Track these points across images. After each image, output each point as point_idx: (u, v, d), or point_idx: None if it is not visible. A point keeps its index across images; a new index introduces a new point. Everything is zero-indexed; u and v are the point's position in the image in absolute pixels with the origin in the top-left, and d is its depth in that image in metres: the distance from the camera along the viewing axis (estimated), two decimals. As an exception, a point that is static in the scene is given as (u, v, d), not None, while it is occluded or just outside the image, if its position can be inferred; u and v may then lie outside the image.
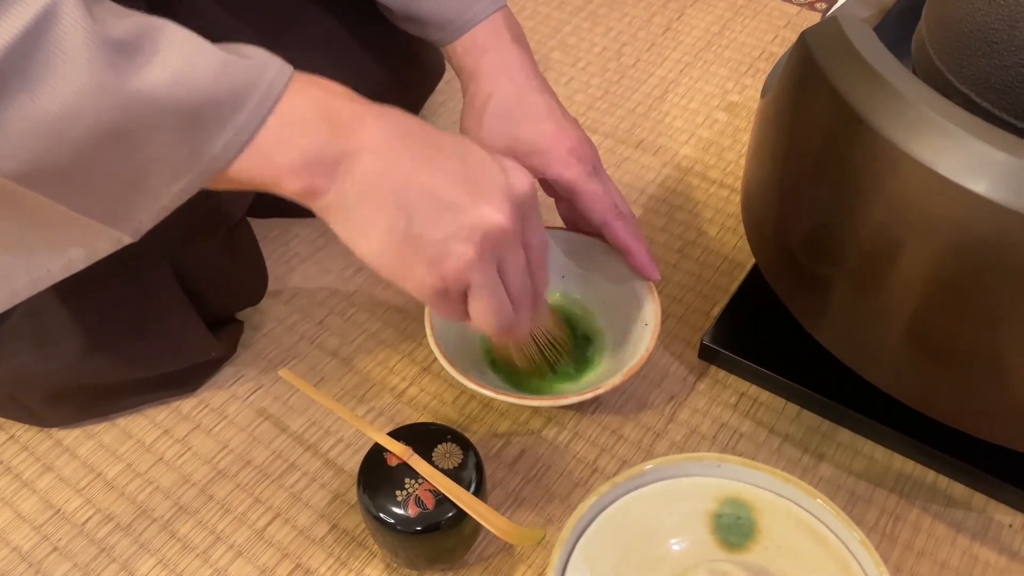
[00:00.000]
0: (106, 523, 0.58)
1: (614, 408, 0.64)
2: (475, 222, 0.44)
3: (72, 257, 0.44)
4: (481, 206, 0.44)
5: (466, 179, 0.45)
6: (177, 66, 0.40)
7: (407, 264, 0.46)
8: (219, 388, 0.66)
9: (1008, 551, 0.56)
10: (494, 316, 0.48)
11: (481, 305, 0.48)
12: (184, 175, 0.42)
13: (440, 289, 0.46)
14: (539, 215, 0.49)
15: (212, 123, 0.41)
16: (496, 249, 0.46)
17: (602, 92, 0.91)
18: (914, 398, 0.54)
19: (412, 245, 0.45)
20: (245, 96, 0.41)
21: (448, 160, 0.45)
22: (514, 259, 0.48)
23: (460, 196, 0.44)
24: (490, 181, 0.45)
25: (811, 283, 0.56)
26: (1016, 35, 0.46)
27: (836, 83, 0.49)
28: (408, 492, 0.51)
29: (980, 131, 0.44)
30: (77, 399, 0.61)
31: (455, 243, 0.45)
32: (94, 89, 0.37)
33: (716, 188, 0.80)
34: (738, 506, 0.51)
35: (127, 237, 0.44)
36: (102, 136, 0.38)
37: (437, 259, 0.45)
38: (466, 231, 0.44)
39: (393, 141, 0.44)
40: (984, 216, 0.43)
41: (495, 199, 0.45)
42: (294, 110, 0.43)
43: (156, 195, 0.42)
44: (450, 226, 0.44)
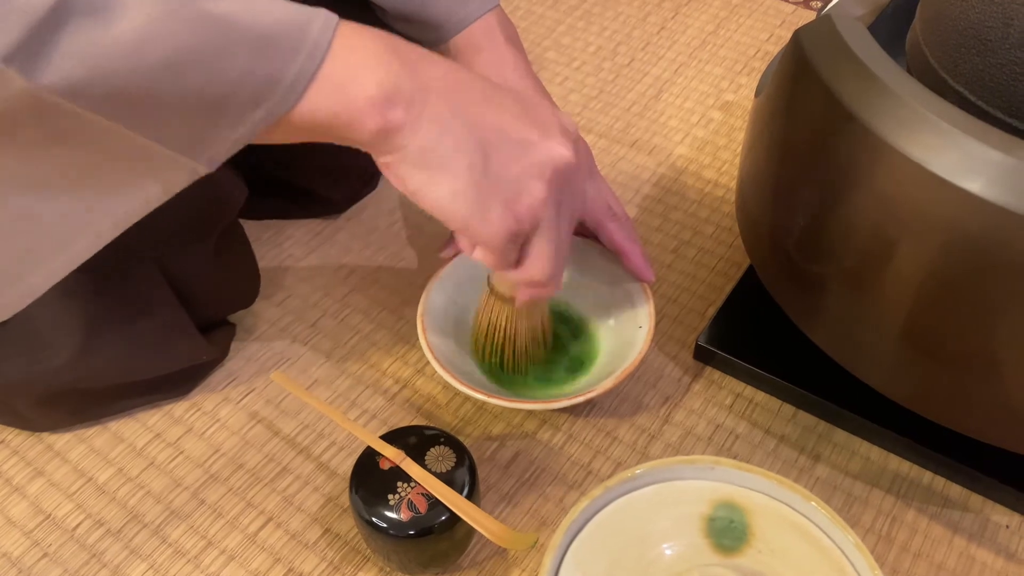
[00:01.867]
0: (97, 528, 0.58)
1: (609, 410, 0.64)
2: (545, 158, 0.46)
3: (149, 193, 0.43)
4: (549, 141, 0.46)
5: (529, 117, 0.46)
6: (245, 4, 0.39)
7: (485, 204, 0.45)
8: (211, 391, 0.65)
9: (1005, 552, 0.56)
10: (552, 258, 0.49)
11: (542, 248, 0.48)
12: (262, 103, 0.41)
13: (514, 231, 0.46)
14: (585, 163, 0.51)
15: (284, 48, 0.40)
16: (563, 186, 0.47)
17: (597, 91, 0.90)
18: (909, 398, 0.54)
19: (489, 184, 0.45)
20: (307, 24, 0.41)
21: (510, 100, 0.46)
22: (572, 200, 0.49)
23: (529, 133, 0.45)
24: (551, 120, 0.47)
25: (806, 283, 0.56)
26: (1010, 33, 0.45)
27: (830, 82, 0.49)
28: (401, 496, 0.50)
29: (974, 129, 0.44)
30: (68, 403, 0.61)
31: (529, 180, 0.46)
32: (166, 13, 0.37)
33: (711, 188, 0.80)
34: (731, 509, 0.50)
35: (203, 167, 0.43)
36: (178, 60, 0.38)
37: (513, 197, 0.46)
38: (538, 167, 0.46)
39: (457, 82, 0.45)
40: (978, 215, 0.43)
41: (557, 136, 0.46)
42: (359, 40, 0.42)
43: (234, 124, 0.41)
44: (523, 162, 0.45)
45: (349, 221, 0.77)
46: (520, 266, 0.49)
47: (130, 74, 0.37)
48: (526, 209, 0.46)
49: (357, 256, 0.74)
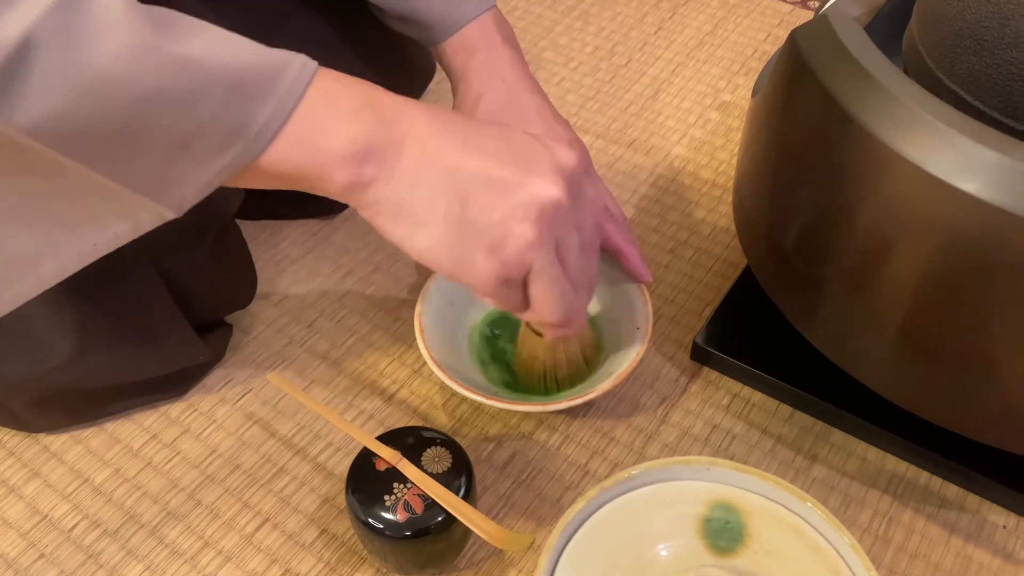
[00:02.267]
0: (93, 529, 0.58)
1: (606, 410, 0.64)
2: (530, 198, 0.43)
3: (117, 231, 0.43)
4: (533, 181, 0.43)
5: (513, 157, 0.44)
6: (217, 39, 0.39)
7: (467, 253, 0.44)
8: (208, 392, 0.65)
9: (1002, 552, 0.56)
10: (557, 301, 0.47)
11: (543, 291, 0.46)
12: (229, 149, 0.41)
13: (503, 277, 0.45)
14: (588, 198, 0.48)
15: (255, 95, 0.40)
16: (554, 226, 0.45)
17: (594, 92, 0.90)
18: (906, 399, 0.54)
19: (470, 231, 0.44)
20: (282, 71, 0.41)
21: (492, 141, 0.45)
22: (571, 238, 0.46)
23: (511, 174, 0.43)
24: (537, 157, 0.45)
25: (803, 283, 0.56)
26: (1006, 33, 0.45)
27: (826, 82, 0.49)
28: (397, 497, 0.50)
29: (971, 130, 0.44)
30: (64, 404, 0.61)
31: (513, 224, 0.43)
32: (137, 53, 0.37)
33: (708, 188, 0.80)
34: (727, 510, 0.50)
35: (171, 213, 0.43)
36: (145, 100, 0.38)
37: (497, 244, 0.44)
38: (522, 209, 0.43)
39: (436, 129, 0.44)
40: (975, 215, 0.43)
41: (546, 173, 0.44)
42: (334, 92, 0.42)
43: (200, 169, 0.41)
44: (505, 206, 0.43)
45: (346, 221, 0.77)
46: (530, 308, 0.48)
47: (92, 115, 0.37)
48: (512, 254, 0.44)
49: (354, 257, 0.74)
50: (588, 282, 0.50)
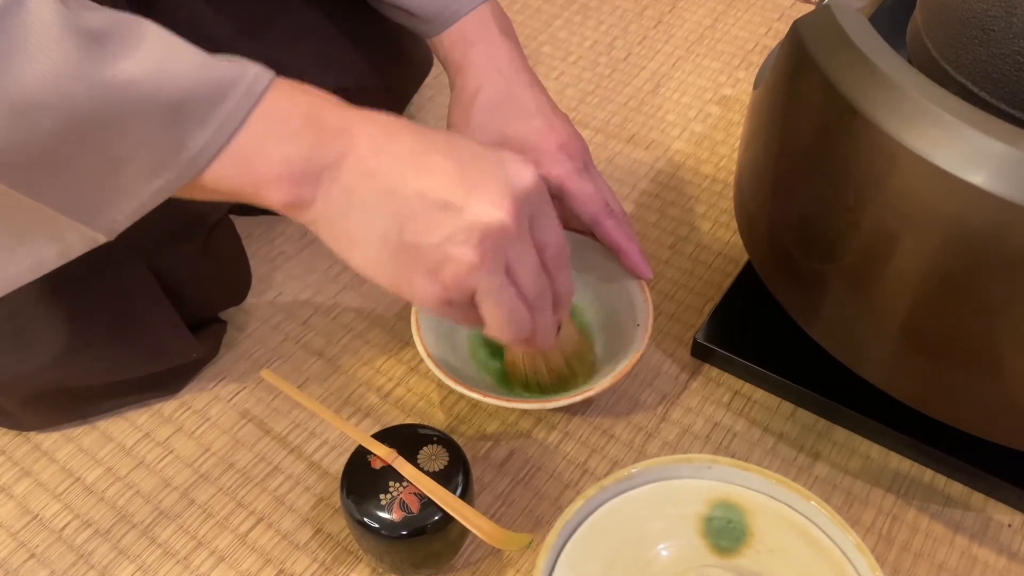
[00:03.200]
0: (84, 529, 0.57)
1: (605, 408, 0.63)
2: (472, 222, 0.41)
3: (42, 257, 0.42)
4: (477, 203, 0.41)
5: (459, 176, 0.42)
6: (157, 57, 0.38)
7: (405, 274, 0.43)
8: (201, 390, 0.64)
9: (1007, 551, 0.55)
10: (507, 324, 0.45)
11: (491, 312, 0.45)
12: (162, 173, 0.40)
13: (444, 299, 0.44)
14: (552, 214, 0.46)
15: (192, 118, 0.39)
16: (500, 250, 0.42)
17: (593, 86, 0.89)
18: (911, 395, 0.53)
19: (408, 254, 0.42)
20: (227, 92, 0.39)
21: (439, 158, 0.42)
22: (524, 259, 0.44)
23: (454, 195, 0.41)
24: (486, 176, 0.42)
25: (805, 279, 0.55)
26: (1013, 22, 0.44)
27: (829, 73, 0.48)
28: (392, 496, 0.50)
29: (977, 121, 0.43)
30: (55, 402, 0.60)
31: (453, 247, 0.42)
32: (66, 76, 0.36)
33: (709, 183, 0.79)
34: (729, 509, 0.49)
35: (101, 236, 0.42)
36: (74, 125, 0.37)
37: (436, 266, 0.42)
38: (463, 233, 0.41)
39: (380, 145, 0.42)
40: (982, 208, 0.42)
41: (492, 195, 0.42)
42: (278, 113, 0.41)
43: (132, 193, 0.41)
44: (446, 229, 0.41)
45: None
46: (485, 325, 0.46)
47: (18, 138, 0.36)
48: (452, 278, 0.42)
49: (350, 252, 0.73)
50: (554, 299, 0.48)
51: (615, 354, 0.59)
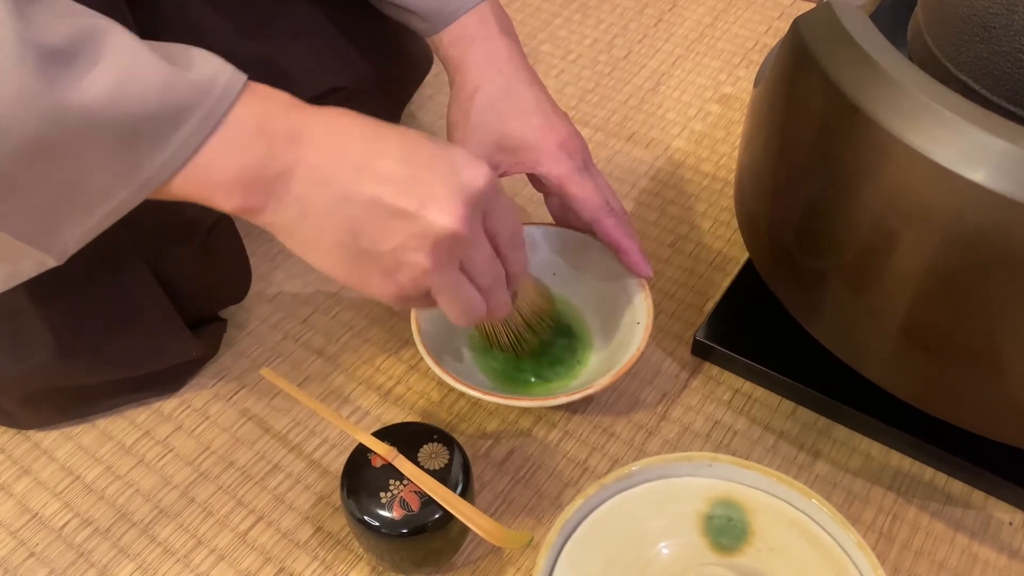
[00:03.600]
0: (84, 527, 0.57)
1: (605, 406, 0.63)
2: (424, 229, 0.42)
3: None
4: (428, 211, 0.42)
5: (411, 183, 0.42)
6: (116, 80, 0.38)
7: (362, 276, 0.44)
8: (201, 388, 0.64)
9: (1008, 549, 0.55)
10: (462, 313, 0.48)
11: (447, 304, 0.47)
12: (117, 194, 0.40)
13: (400, 296, 0.45)
14: (505, 202, 0.47)
15: (150, 142, 0.39)
16: (453, 253, 0.44)
17: (593, 84, 0.89)
18: (911, 394, 0.53)
19: (363, 258, 0.43)
20: (187, 115, 0.39)
21: (391, 163, 0.42)
22: (477, 256, 0.46)
23: (406, 203, 0.42)
24: (438, 182, 0.42)
25: (806, 277, 0.55)
26: (1014, 20, 0.44)
27: (830, 71, 0.48)
28: (393, 494, 0.49)
29: (978, 119, 0.43)
30: (55, 400, 0.60)
31: (406, 253, 0.43)
32: (22, 100, 0.35)
33: (709, 181, 0.79)
34: (730, 507, 0.49)
35: (51, 260, 0.42)
36: (28, 151, 0.36)
37: (391, 270, 0.43)
38: (416, 240, 0.42)
39: (333, 151, 0.42)
40: (983, 206, 0.42)
41: (443, 202, 0.42)
42: (235, 126, 0.41)
43: (85, 214, 0.40)
44: (399, 236, 0.42)
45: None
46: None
47: None
48: (407, 280, 0.44)
49: (350, 251, 0.73)
50: (503, 282, 0.49)
51: (615, 352, 0.59)
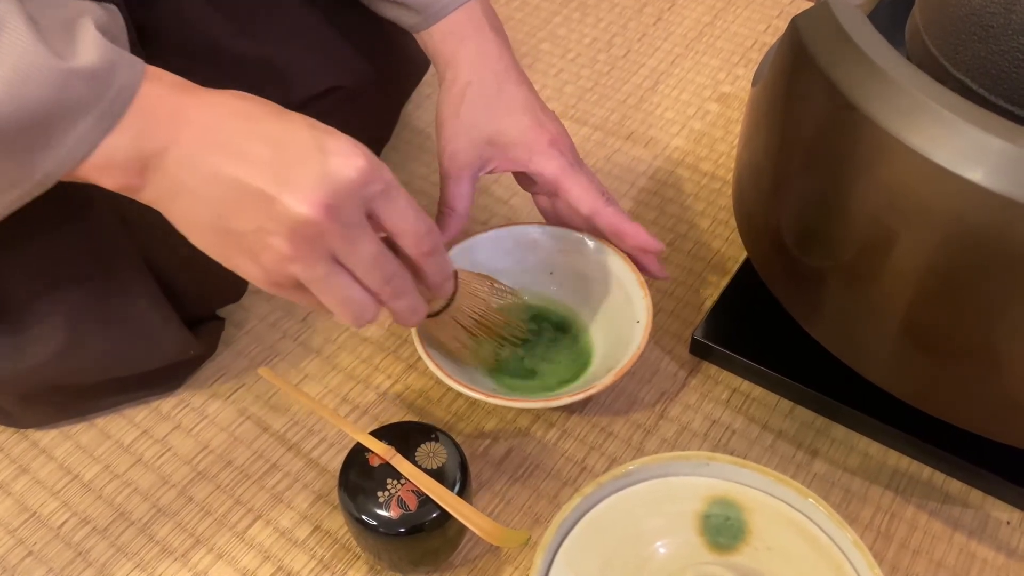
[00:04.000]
0: (83, 526, 0.57)
1: (603, 405, 0.63)
2: (281, 214, 0.41)
3: None
4: (285, 196, 0.41)
5: (276, 166, 0.42)
6: (7, 82, 0.38)
7: (230, 256, 0.44)
8: (200, 387, 0.64)
9: (1006, 548, 0.55)
10: (341, 310, 0.46)
11: (323, 299, 0.45)
12: (11, 191, 0.41)
13: (269, 281, 0.45)
14: (403, 202, 0.45)
15: (46, 141, 0.40)
16: (315, 243, 0.42)
17: (592, 83, 0.89)
18: (909, 393, 0.53)
19: (230, 238, 0.43)
20: (85, 112, 0.40)
21: (261, 146, 0.42)
22: (356, 253, 0.44)
23: (266, 185, 0.41)
24: (303, 168, 0.42)
25: (804, 276, 0.55)
26: (1012, 19, 0.44)
27: (828, 70, 0.48)
28: (390, 493, 0.49)
29: (976, 118, 0.43)
30: (53, 399, 0.60)
31: (265, 237, 0.42)
32: None
33: (708, 180, 0.79)
34: (727, 506, 0.49)
35: None
36: None
37: (255, 252, 0.43)
38: (273, 224, 0.42)
39: (207, 132, 0.42)
40: (981, 205, 0.42)
41: (303, 188, 0.41)
42: (128, 117, 0.42)
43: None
44: (259, 218, 0.42)
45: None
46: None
47: None
48: (271, 263, 0.43)
49: (349, 250, 0.73)
50: (406, 286, 0.48)
51: (615, 351, 0.59)
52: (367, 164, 0.43)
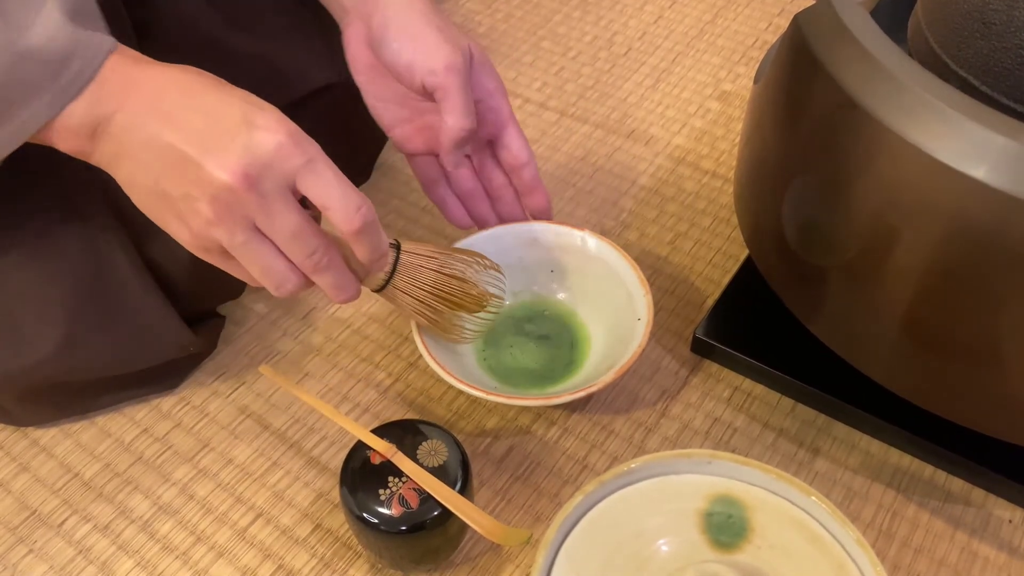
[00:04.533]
0: (83, 524, 0.57)
1: (605, 403, 0.63)
2: (204, 179, 0.44)
3: None
4: (208, 163, 0.44)
5: (204, 135, 0.44)
6: None
7: (164, 218, 0.47)
8: (200, 385, 0.64)
9: (1008, 547, 0.55)
10: (262, 278, 0.48)
11: (247, 265, 0.47)
12: None
13: (196, 245, 0.47)
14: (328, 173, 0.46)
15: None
16: (234, 210, 0.45)
17: (593, 81, 0.89)
18: (911, 391, 0.53)
19: (162, 200, 0.46)
20: (36, 93, 0.43)
21: (196, 116, 0.45)
22: (272, 222, 0.46)
23: (193, 151, 0.44)
24: (229, 138, 0.44)
25: (805, 274, 0.55)
26: (1015, 15, 0.44)
27: (830, 67, 0.48)
28: (392, 491, 0.49)
29: (979, 115, 0.43)
30: (53, 397, 0.60)
31: (190, 201, 0.45)
32: None
33: (709, 179, 0.79)
34: (729, 504, 0.49)
35: None
36: None
37: (183, 215, 0.46)
38: (198, 189, 0.44)
39: (151, 100, 0.45)
40: (983, 202, 0.42)
41: (224, 156, 0.44)
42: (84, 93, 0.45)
43: None
44: (186, 183, 0.45)
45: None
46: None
47: None
48: (197, 227, 0.46)
49: (349, 248, 0.73)
50: (331, 261, 0.49)
51: (615, 349, 0.59)
52: (288, 139, 0.45)
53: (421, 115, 0.61)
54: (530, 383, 0.61)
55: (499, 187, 0.64)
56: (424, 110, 0.61)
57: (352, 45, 0.59)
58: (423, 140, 0.62)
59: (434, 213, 0.73)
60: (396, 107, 0.61)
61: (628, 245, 0.73)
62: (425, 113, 0.61)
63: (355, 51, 0.59)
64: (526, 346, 0.63)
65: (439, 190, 0.65)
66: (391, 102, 0.61)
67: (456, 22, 0.97)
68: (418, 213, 0.76)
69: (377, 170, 0.80)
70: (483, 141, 0.63)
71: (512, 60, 0.92)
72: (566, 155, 0.81)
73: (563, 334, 0.64)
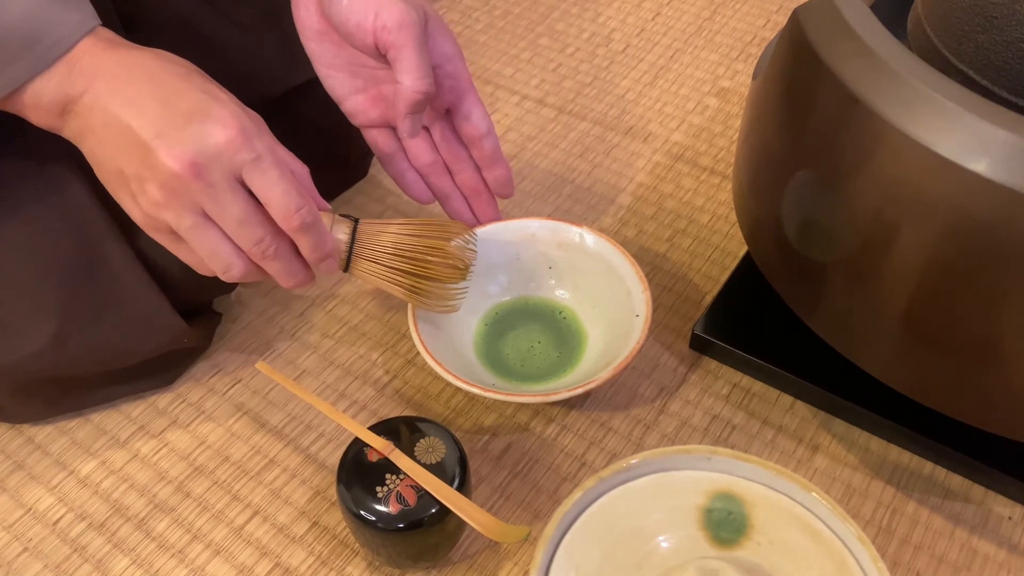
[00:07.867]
0: (79, 522, 0.57)
1: (603, 400, 0.62)
2: (154, 164, 0.46)
3: None
4: (158, 150, 0.46)
5: (161, 122, 0.46)
6: None
7: (121, 195, 0.50)
8: (196, 382, 0.64)
9: (1008, 544, 0.55)
10: (209, 261, 0.50)
11: (194, 248, 0.50)
12: None
13: (147, 224, 0.50)
14: (272, 171, 0.48)
15: None
16: (182, 196, 0.47)
17: (591, 78, 0.89)
18: (911, 387, 0.53)
19: (120, 178, 0.49)
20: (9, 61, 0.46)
21: (154, 102, 0.47)
22: (219, 210, 0.48)
23: (147, 135, 0.46)
24: (181, 125, 0.46)
25: (804, 270, 0.55)
26: (1017, 9, 0.44)
27: (830, 62, 0.47)
28: (389, 488, 0.49)
29: (980, 109, 0.43)
30: (47, 392, 0.59)
31: (144, 183, 0.47)
32: None
33: (707, 175, 0.79)
34: (729, 500, 0.49)
35: None
36: None
37: (136, 194, 0.48)
38: (148, 171, 0.47)
39: (117, 83, 0.47)
40: (984, 197, 0.42)
41: (175, 146, 0.46)
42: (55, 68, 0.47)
43: None
44: (139, 165, 0.47)
45: (338, 208, 0.75)
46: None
47: None
48: (147, 207, 0.48)
49: (346, 244, 0.73)
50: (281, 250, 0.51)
51: (614, 346, 0.59)
52: (238, 134, 0.47)
53: (376, 84, 0.60)
54: (528, 380, 0.61)
55: (459, 160, 0.63)
56: (379, 79, 0.60)
57: (301, 8, 0.58)
58: (378, 111, 0.61)
59: (432, 212, 0.73)
60: (348, 76, 0.60)
61: (626, 242, 0.72)
62: (380, 83, 0.60)
63: (304, 14, 0.58)
64: (524, 343, 0.63)
65: (398, 163, 0.63)
66: (343, 71, 0.59)
67: (454, 19, 0.97)
68: (415, 209, 0.75)
69: (375, 166, 0.79)
70: (441, 111, 0.62)
71: (510, 56, 0.92)
72: (564, 152, 0.81)
73: (561, 331, 0.63)
